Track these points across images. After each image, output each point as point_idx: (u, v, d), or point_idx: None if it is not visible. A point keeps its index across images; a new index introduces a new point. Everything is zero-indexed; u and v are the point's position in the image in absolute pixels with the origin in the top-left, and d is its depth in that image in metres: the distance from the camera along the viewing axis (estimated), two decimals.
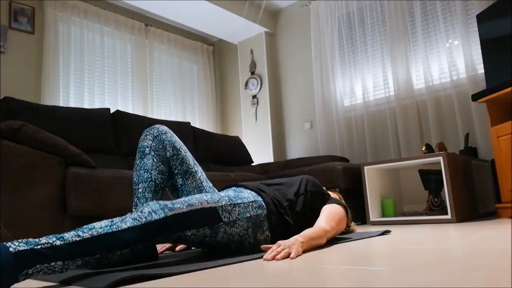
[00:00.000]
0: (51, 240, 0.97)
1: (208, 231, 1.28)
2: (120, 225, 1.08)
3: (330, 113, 4.14)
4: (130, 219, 1.11)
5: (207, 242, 1.31)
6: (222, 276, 1.00)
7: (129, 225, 1.09)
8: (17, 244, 0.92)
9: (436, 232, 1.88)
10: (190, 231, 1.23)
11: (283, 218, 1.55)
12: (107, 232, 1.05)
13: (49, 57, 3.61)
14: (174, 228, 1.19)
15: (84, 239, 1.01)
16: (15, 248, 0.91)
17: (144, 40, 4.48)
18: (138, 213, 1.14)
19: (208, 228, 1.27)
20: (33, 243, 0.94)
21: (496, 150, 2.61)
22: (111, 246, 1.05)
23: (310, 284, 0.80)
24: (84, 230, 1.03)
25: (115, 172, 2.25)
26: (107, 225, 1.06)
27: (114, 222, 1.08)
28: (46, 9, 3.69)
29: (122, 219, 1.10)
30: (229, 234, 1.35)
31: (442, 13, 3.47)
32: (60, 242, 0.97)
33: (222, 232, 1.32)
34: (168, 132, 1.52)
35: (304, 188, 1.69)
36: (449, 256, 1.07)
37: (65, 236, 0.99)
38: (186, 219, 1.22)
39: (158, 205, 1.18)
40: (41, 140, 1.98)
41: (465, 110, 3.31)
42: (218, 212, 1.31)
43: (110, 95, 4.08)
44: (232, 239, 1.37)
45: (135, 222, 1.11)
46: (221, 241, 1.34)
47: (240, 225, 1.37)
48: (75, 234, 1.01)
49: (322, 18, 4.29)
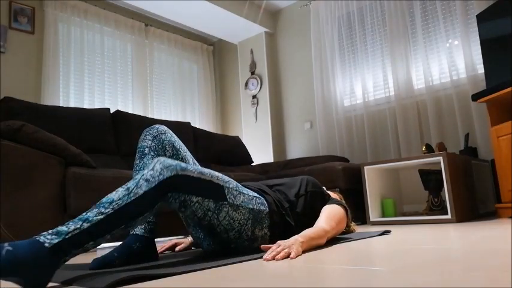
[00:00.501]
0: (78, 225, 1.00)
1: (212, 206, 1.30)
2: (136, 191, 1.11)
3: (330, 113, 4.14)
4: (145, 183, 1.13)
5: (209, 219, 1.32)
6: (222, 276, 1.00)
7: (145, 189, 1.12)
8: (49, 238, 0.95)
9: (436, 232, 1.88)
10: (196, 197, 1.26)
11: (284, 219, 1.55)
12: (127, 202, 1.08)
13: (49, 57, 3.61)
14: (182, 189, 1.22)
15: (107, 215, 1.04)
16: (49, 242, 0.94)
17: (144, 40, 4.48)
18: (150, 173, 1.16)
19: (212, 202, 1.30)
20: (64, 233, 0.97)
21: (496, 150, 2.61)
22: (134, 214, 1.09)
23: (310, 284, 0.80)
24: (104, 205, 1.06)
25: (115, 172, 2.25)
26: (125, 195, 1.09)
27: (130, 189, 1.11)
28: (46, 9, 3.69)
29: (136, 184, 1.12)
30: (231, 218, 1.36)
31: (442, 13, 3.47)
32: (87, 224, 1.00)
33: (224, 212, 1.34)
34: (167, 132, 1.51)
35: (305, 188, 1.69)
36: (449, 256, 1.07)
37: (89, 217, 1.02)
38: (195, 184, 1.25)
39: (171, 161, 1.21)
40: (41, 140, 1.98)
41: (465, 110, 3.31)
42: (224, 191, 1.34)
43: (110, 95, 4.08)
44: (232, 224, 1.37)
45: (149, 184, 1.14)
46: (222, 222, 1.34)
47: (242, 212, 1.39)
48: (98, 212, 1.04)
49: (322, 18, 4.29)
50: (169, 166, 1.20)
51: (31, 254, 0.90)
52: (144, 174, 1.16)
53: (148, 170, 1.18)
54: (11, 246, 0.89)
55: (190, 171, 1.26)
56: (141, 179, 1.14)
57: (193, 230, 1.54)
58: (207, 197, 1.29)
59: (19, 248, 0.90)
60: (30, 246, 0.91)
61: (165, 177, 1.17)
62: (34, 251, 0.91)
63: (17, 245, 0.90)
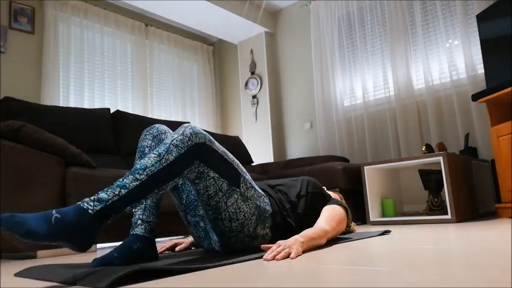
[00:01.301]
0: (116, 191, 1.08)
1: (225, 187, 1.34)
2: (167, 157, 1.18)
3: (330, 113, 4.14)
4: (175, 149, 1.20)
5: (218, 200, 1.33)
6: (222, 276, 1.00)
7: (175, 155, 1.19)
8: (92, 205, 1.03)
9: (436, 232, 1.88)
10: (213, 173, 1.31)
11: (286, 219, 1.56)
12: (159, 169, 1.15)
13: (49, 57, 3.61)
14: (204, 160, 1.27)
15: (142, 181, 1.11)
16: (93, 209, 1.03)
17: (144, 40, 4.48)
18: (179, 138, 1.23)
19: (226, 184, 1.34)
20: (105, 200, 1.05)
21: (496, 150, 2.61)
22: (166, 180, 1.17)
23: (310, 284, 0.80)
24: (139, 171, 1.13)
25: (115, 172, 2.25)
26: (157, 162, 1.16)
27: (161, 156, 1.17)
28: (46, 9, 3.69)
29: (166, 150, 1.19)
30: (238, 207, 1.37)
31: (442, 13, 3.47)
32: (124, 190, 1.08)
33: (234, 199, 1.36)
34: (167, 132, 1.51)
35: (305, 189, 1.69)
36: (449, 256, 1.07)
37: (126, 184, 1.10)
38: (217, 159, 1.32)
39: (200, 129, 1.29)
40: (41, 140, 1.98)
41: (465, 110, 3.31)
42: (240, 179, 1.38)
43: (110, 95, 4.08)
44: (238, 214, 1.37)
45: (179, 150, 1.20)
46: (229, 208, 1.36)
47: (249, 206, 1.40)
48: (134, 179, 1.11)
49: (322, 18, 4.29)
50: (199, 133, 1.27)
51: (77, 220, 0.99)
52: (174, 138, 1.22)
53: (177, 134, 1.23)
54: (59, 213, 0.98)
55: (216, 146, 1.32)
56: (171, 145, 1.20)
57: (194, 230, 1.54)
58: (223, 177, 1.33)
59: (66, 215, 0.99)
60: (76, 214, 1.00)
61: (194, 143, 1.24)
62: (80, 217, 1.00)
63: (64, 212, 0.99)
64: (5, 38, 3.41)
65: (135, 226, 1.38)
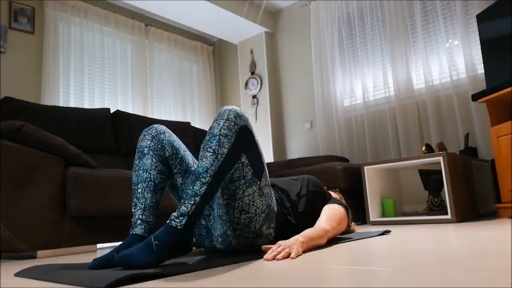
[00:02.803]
0: (192, 201, 1.17)
1: (249, 176, 1.36)
2: (222, 151, 1.22)
3: (330, 113, 4.14)
4: (225, 140, 1.24)
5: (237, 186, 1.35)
6: (222, 276, 1.00)
7: (228, 146, 1.23)
8: (178, 221, 1.15)
9: (436, 232, 1.88)
10: (244, 158, 1.33)
11: (287, 218, 1.55)
12: (219, 166, 1.21)
13: (49, 57, 3.61)
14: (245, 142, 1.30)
15: (209, 184, 1.19)
16: (180, 224, 1.15)
17: (144, 40, 4.48)
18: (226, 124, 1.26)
19: (251, 173, 1.36)
20: (186, 213, 1.16)
21: (496, 150, 2.61)
22: (227, 170, 1.24)
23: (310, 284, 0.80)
24: (203, 175, 1.19)
25: (115, 172, 2.25)
26: (214, 159, 1.21)
27: (215, 152, 1.22)
28: (46, 9, 3.69)
29: (218, 144, 1.23)
30: (253, 200, 1.38)
31: (442, 13, 3.47)
32: (197, 198, 1.17)
33: (252, 190, 1.37)
34: (166, 132, 1.51)
35: (306, 188, 1.69)
36: (449, 256, 1.07)
37: (197, 192, 1.18)
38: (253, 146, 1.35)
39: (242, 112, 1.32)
40: (41, 140, 1.98)
41: (465, 110, 3.31)
42: (263, 174, 1.41)
43: (110, 95, 4.08)
44: (250, 207, 1.37)
45: (229, 140, 1.24)
46: (244, 198, 1.36)
47: (262, 202, 1.41)
48: (201, 184, 1.18)
49: (322, 18, 4.29)
50: (242, 115, 1.30)
51: (172, 238, 1.14)
52: (220, 127, 1.25)
53: (222, 120, 1.26)
54: (156, 239, 1.13)
55: (255, 139, 1.37)
56: (221, 136, 1.24)
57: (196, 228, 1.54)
58: (251, 165, 1.35)
59: (163, 238, 1.13)
60: (169, 234, 1.14)
61: (239, 127, 1.27)
62: (173, 235, 1.14)
63: (160, 237, 1.13)
64: (5, 38, 3.41)
65: (134, 226, 1.38)
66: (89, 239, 2.11)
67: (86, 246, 2.20)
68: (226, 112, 1.28)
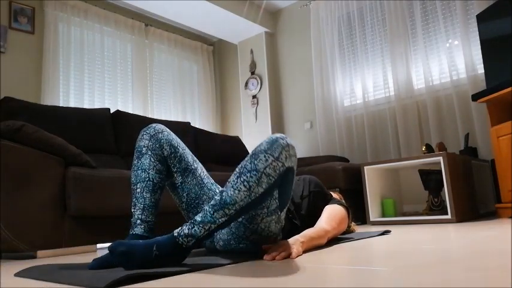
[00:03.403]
0: (207, 227, 1.13)
1: (273, 207, 1.31)
2: (257, 190, 1.14)
3: (330, 113, 4.14)
4: (266, 178, 1.14)
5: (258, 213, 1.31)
6: (222, 276, 1.00)
7: (265, 187, 1.15)
8: (187, 240, 1.13)
9: (436, 232, 1.88)
10: (277, 192, 1.29)
11: (292, 222, 1.56)
12: (248, 203, 1.15)
13: (49, 57, 3.61)
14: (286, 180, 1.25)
15: (231, 216, 1.14)
16: (186, 244, 1.13)
17: (144, 40, 4.48)
18: (274, 164, 1.15)
19: (276, 205, 1.32)
20: (197, 236, 1.13)
21: (496, 150, 2.61)
22: (253, 208, 1.18)
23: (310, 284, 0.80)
24: (228, 206, 1.13)
25: (115, 172, 2.25)
26: (246, 196, 1.14)
27: (251, 189, 1.14)
28: (46, 9, 3.69)
29: (257, 181, 1.14)
30: (268, 226, 1.36)
31: (442, 13, 3.47)
32: (214, 225, 1.14)
33: (271, 219, 1.34)
34: (164, 131, 1.51)
35: (308, 189, 1.69)
36: (449, 256, 1.07)
37: (216, 220, 1.13)
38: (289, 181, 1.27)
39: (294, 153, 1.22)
40: (41, 140, 1.98)
41: (465, 110, 3.31)
42: (286, 205, 1.38)
43: (110, 95, 4.08)
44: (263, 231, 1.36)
45: (269, 180, 1.15)
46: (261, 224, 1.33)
47: (277, 227, 1.39)
48: (223, 214, 1.13)
49: (322, 18, 4.29)
50: (293, 155, 1.21)
51: (173, 254, 1.13)
52: (267, 164, 1.14)
53: (273, 157, 1.15)
54: (158, 250, 1.11)
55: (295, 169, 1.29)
56: (264, 174, 1.14)
57: None
58: (279, 199, 1.31)
59: (164, 251, 1.12)
60: (172, 250, 1.12)
61: (286, 168, 1.19)
62: (175, 252, 1.13)
63: (162, 248, 1.11)
64: (5, 38, 3.41)
65: (134, 226, 1.38)
66: (89, 239, 2.11)
67: (86, 246, 2.20)
68: (279, 149, 1.17)
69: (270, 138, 1.20)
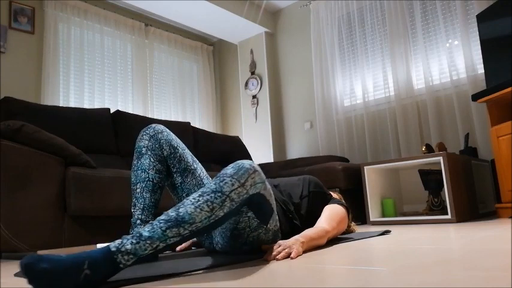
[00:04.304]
0: (154, 245, 0.97)
1: (254, 225, 1.32)
2: (218, 213, 1.07)
3: (330, 113, 4.14)
4: (229, 203, 1.09)
5: (242, 232, 1.32)
6: (222, 276, 1.00)
7: (226, 211, 1.09)
8: (126, 259, 0.94)
9: (436, 232, 1.88)
10: (251, 213, 1.28)
11: (293, 222, 1.55)
12: (205, 225, 1.06)
13: (49, 57, 3.61)
14: (251, 205, 1.24)
15: (184, 237, 1.02)
16: (125, 264, 0.94)
17: (144, 40, 4.48)
18: (239, 190, 1.12)
19: (257, 223, 1.32)
20: (139, 254, 0.96)
21: (496, 150, 2.61)
22: (208, 232, 1.10)
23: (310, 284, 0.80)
24: (184, 226, 1.02)
25: (115, 172, 2.25)
26: (206, 218, 1.05)
27: (213, 211, 1.06)
28: (46, 9, 3.69)
29: (221, 204, 1.08)
30: (259, 237, 1.36)
31: (442, 13, 3.47)
32: (162, 244, 0.99)
33: (258, 233, 1.34)
34: (164, 131, 1.51)
35: (307, 189, 1.69)
36: (449, 256, 1.07)
37: (167, 238, 0.99)
38: (263, 204, 1.27)
39: (261, 177, 1.20)
40: (41, 140, 1.98)
41: (465, 110, 3.31)
42: (271, 217, 1.36)
43: (110, 95, 4.08)
44: (254, 242, 1.37)
45: (232, 205, 1.10)
46: (249, 239, 1.34)
47: (268, 235, 1.39)
48: (177, 233, 1.01)
49: (322, 18, 4.29)
50: (259, 182, 1.18)
51: (107, 274, 0.92)
52: (233, 189, 1.10)
53: (238, 183, 1.12)
54: (90, 268, 0.88)
55: (268, 192, 1.27)
56: (228, 198, 1.09)
57: None
58: (258, 217, 1.30)
59: (97, 271, 0.89)
60: (108, 269, 0.91)
61: (250, 195, 1.16)
62: (110, 271, 0.92)
63: (95, 266, 0.89)
64: (5, 38, 3.41)
65: (134, 226, 1.38)
66: (88, 239, 2.11)
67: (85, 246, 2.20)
68: (245, 175, 1.14)
69: (237, 163, 1.18)
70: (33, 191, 1.92)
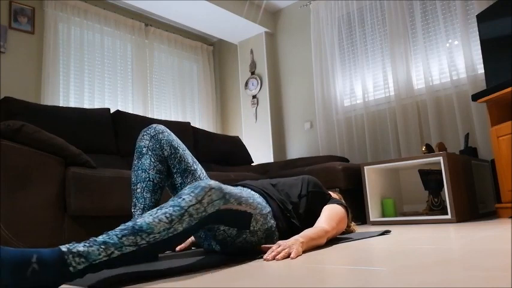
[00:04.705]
0: (109, 252, 0.93)
1: (234, 233, 1.31)
2: (177, 227, 1.05)
3: (330, 113, 4.14)
4: (187, 218, 1.07)
5: (224, 243, 1.33)
6: (222, 276, 1.00)
7: (185, 226, 1.07)
8: (77, 262, 0.89)
9: (436, 232, 1.88)
10: (224, 226, 1.27)
11: (290, 221, 1.55)
12: (164, 238, 1.02)
13: (49, 57, 3.61)
14: (217, 221, 1.21)
15: (140, 247, 0.98)
16: (74, 267, 0.88)
17: (144, 40, 4.48)
18: (196, 206, 1.10)
19: (236, 230, 1.31)
20: (92, 259, 0.91)
21: (496, 150, 2.61)
22: (164, 249, 1.04)
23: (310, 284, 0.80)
24: (142, 235, 0.99)
25: (115, 172, 2.25)
26: (165, 230, 1.02)
27: (172, 223, 1.04)
28: (46, 9, 3.69)
29: (179, 218, 1.06)
30: (247, 241, 1.36)
31: (442, 13, 3.47)
32: (118, 252, 0.95)
33: (242, 238, 1.34)
34: (165, 132, 1.51)
35: (306, 189, 1.69)
36: (449, 256, 1.07)
37: (123, 246, 0.95)
38: (229, 216, 1.24)
39: (217, 194, 1.17)
40: (41, 140, 1.98)
41: (465, 110, 3.31)
42: (251, 220, 1.34)
43: (110, 95, 4.08)
44: (247, 246, 1.38)
45: (191, 221, 1.08)
46: (237, 244, 1.35)
47: (258, 235, 1.38)
48: (133, 242, 0.97)
49: (322, 18, 4.29)
50: (216, 200, 1.16)
51: (55, 275, 0.86)
52: (192, 205, 1.09)
53: (195, 199, 1.11)
54: (38, 263, 0.84)
55: (232, 203, 1.23)
56: (186, 213, 1.07)
57: None
58: (234, 226, 1.29)
59: (45, 268, 0.85)
60: (56, 268, 0.86)
61: (208, 213, 1.13)
62: (58, 273, 0.86)
63: (44, 264, 0.85)
64: (5, 38, 3.41)
65: None
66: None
67: None
68: (201, 193, 1.13)
69: (193, 184, 1.17)
70: (33, 191, 1.92)
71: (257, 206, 1.38)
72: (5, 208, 1.82)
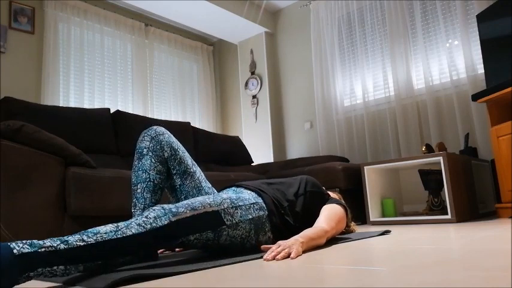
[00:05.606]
0: (55, 244, 0.95)
1: (211, 235, 1.29)
2: (125, 231, 1.07)
3: (330, 113, 4.14)
4: (136, 226, 1.10)
5: (210, 245, 1.32)
6: (222, 276, 1.00)
7: (134, 231, 1.09)
8: (21, 246, 0.91)
9: (436, 232, 1.88)
10: (193, 235, 1.24)
11: (284, 218, 1.55)
12: (111, 238, 1.04)
13: (49, 57, 3.61)
14: (178, 234, 1.19)
15: (88, 244, 1.00)
16: (19, 250, 0.90)
17: (144, 40, 4.48)
18: (143, 219, 1.13)
19: (211, 232, 1.29)
20: (37, 246, 0.93)
21: (496, 150, 2.61)
22: (114, 253, 1.05)
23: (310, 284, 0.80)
24: (88, 234, 1.02)
25: (115, 172, 2.25)
26: (112, 231, 1.05)
27: (119, 227, 1.07)
28: (46, 9, 3.69)
29: (127, 225, 1.09)
30: (232, 236, 1.35)
31: (442, 13, 3.47)
32: (64, 245, 0.96)
33: (224, 235, 1.33)
34: (165, 133, 1.52)
35: (304, 188, 1.69)
36: (449, 256, 1.07)
37: (69, 240, 0.98)
38: (190, 224, 1.22)
39: (163, 210, 1.18)
40: (41, 140, 1.98)
41: (465, 110, 3.31)
42: (221, 215, 1.32)
43: (110, 95, 4.08)
44: (234, 241, 1.37)
45: (140, 228, 1.10)
46: (224, 243, 1.35)
47: (243, 227, 1.38)
48: (80, 239, 1.00)
49: (322, 18, 4.29)
50: (162, 216, 1.17)
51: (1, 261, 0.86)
52: (138, 218, 1.14)
53: (142, 216, 1.15)
54: None
55: (183, 212, 1.22)
56: (134, 222, 1.11)
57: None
58: (205, 230, 1.27)
59: None
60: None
61: (158, 226, 1.14)
62: (4, 256, 0.87)
63: None
64: (5, 38, 3.41)
65: None
66: None
67: None
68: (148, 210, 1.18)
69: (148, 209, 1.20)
70: (33, 191, 1.92)
71: (223, 202, 1.36)
72: (5, 208, 1.82)
